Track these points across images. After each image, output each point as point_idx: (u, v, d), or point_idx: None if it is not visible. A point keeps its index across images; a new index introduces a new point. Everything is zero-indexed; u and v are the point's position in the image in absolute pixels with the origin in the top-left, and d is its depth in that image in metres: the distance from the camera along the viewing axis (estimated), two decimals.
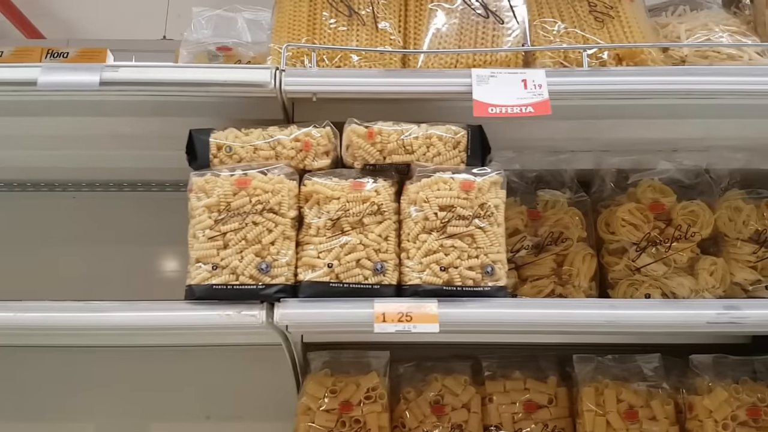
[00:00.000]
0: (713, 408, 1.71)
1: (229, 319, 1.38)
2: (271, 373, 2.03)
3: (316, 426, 1.76)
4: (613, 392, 1.82)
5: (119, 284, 2.22)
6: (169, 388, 2.20)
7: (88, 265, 2.24)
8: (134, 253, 2.27)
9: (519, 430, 1.88)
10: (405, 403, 1.91)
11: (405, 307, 1.40)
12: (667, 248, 1.81)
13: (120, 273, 2.23)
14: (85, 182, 2.26)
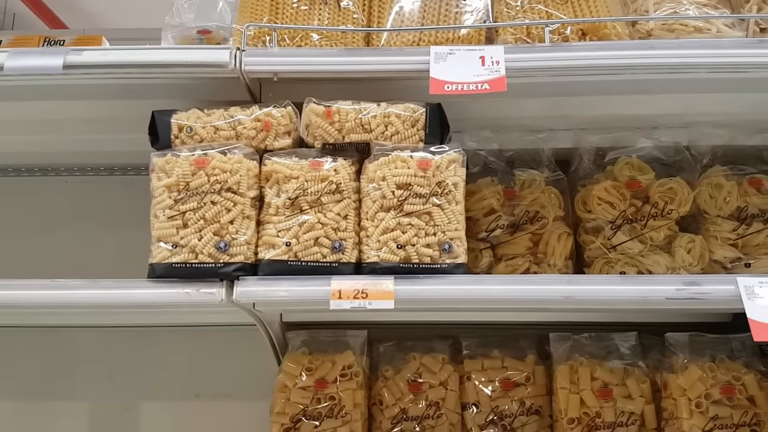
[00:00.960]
0: (687, 386, 1.69)
1: (188, 297, 1.41)
2: (259, 353, 2.06)
3: (291, 402, 1.80)
4: (587, 370, 1.81)
5: (112, 267, 2.26)
6: (159, 368, 2.26)
7: (82, 249, 2.29)
8: (126, 236, 2.32)
9: (496, 407, 1.89)
10: (383, 381, 1.93)
11: (361, 285, 1.42)
12: (643, 226, 1.79)
13: (113, 256, 2.28)
14: (77, 167, 2.31)
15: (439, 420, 1.86)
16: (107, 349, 2.26)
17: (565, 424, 1.77)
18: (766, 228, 1.78)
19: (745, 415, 1.65)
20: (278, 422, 1.79)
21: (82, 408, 2.22)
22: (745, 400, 1.68)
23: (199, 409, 2.22)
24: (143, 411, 2.23)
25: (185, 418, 2.21)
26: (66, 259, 2.25)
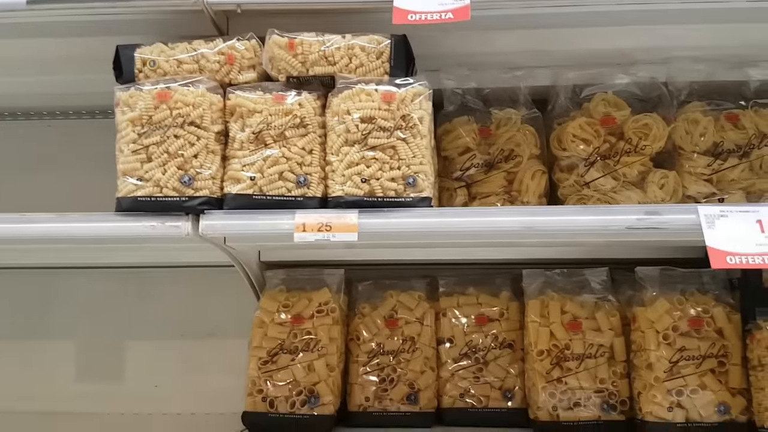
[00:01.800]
0: (655, 318, 1.71)
1: (153, 230, 1.43)
2: (241, 293, 2.09)
3: (269, 337, 1.84)
4: (558, 304, 1.83)
5: (97, 210, 2.29)
6: (145, 308, 2.31)
7: (66, 192, 2.31)
8: (110, 179, 2.33)
9: (470, 341, 1.93)
10: (360, 318, 1.97)
11: (325, 218, 1.43)
12: (616, 162, 1.78)
13: (97, 198, 2.29)
14: (59, 110, 2.31)
15: (415, 354, 1.91)
16: (93, 289, 2.31)
17: (535, 356, 1.80)
18: (741, 163, 1.77)
19: (712, 346, 1.68)
20: (256, 356, 1.83)
21: (68, 347, 2.28)
22: (713, 332, 1.69)
23: (183, 347, 2.27)
24: (129, 349, 2.28)
25: (170, 356, 2.27)
26: (50, 203, 2.25)
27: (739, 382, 1.67)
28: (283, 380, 1.80)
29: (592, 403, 1.76)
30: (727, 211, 1.38)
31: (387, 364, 1.90)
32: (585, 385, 1.76)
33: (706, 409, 1.65)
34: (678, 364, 1.66)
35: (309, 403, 1.79)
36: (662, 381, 1.66)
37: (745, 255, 1.33)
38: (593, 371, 1.77)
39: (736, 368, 1.67)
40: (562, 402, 1.77)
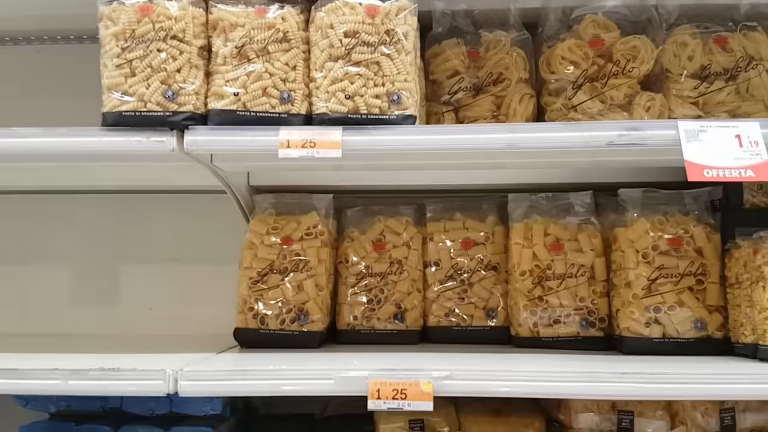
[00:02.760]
0: (635, 238, 1.74)
1: (139, 145, 1.44)
2: (232, 220, 2.12)
3: (259, 258, 1.87)
4: (541, 227, 1.86)
5: None
6: (139, 233, 2.34)
7: (55, 117, 2.29)
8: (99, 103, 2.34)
9: (455, 264, 1.97)
10: (349, 242, 2.00)
11: (309, 135, 1.44)
12: (604, 84, 1.78)
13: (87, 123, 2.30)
14: (47, 35, 2.29)
15: (402, 276, 1.95)
16: (87, 214, 2.34)
17: (518, 276, 1.84)
18: (727, 86, 1.77)
19: (691, 265, 1.71)
20: (246, 276, 1.87)
21: (62, 271, 2.32)
22: (692, 252, 1.73)
23: (176, 272, 2.32)
24: (122, 274, 2.33)
25: (164, 281, 2.32)
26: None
27: (717, 300, 1.71)
28: (273, 299, 1.84)
29: (571, 320, 1.81)
30: (706, 126, 1.39)
31: (375, 286, 1.95)
32: (565, 303, 1.81)
33: (683, 325, 1.70)
34: (656, 282, 1.70)
35: (298, 320, 1.84)
36: (640, 298, 1.70)
37: (723, 168, 1.35)
38: (573, 290, 1.81)
39: (714, 286, 1.71)
40: (542, 319, 1.82)
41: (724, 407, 1.56)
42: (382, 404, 1.40)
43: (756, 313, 1.56)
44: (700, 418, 1.56)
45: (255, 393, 1.43)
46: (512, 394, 1.42)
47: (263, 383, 1.43)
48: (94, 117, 2.16)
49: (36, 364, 1.47)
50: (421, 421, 1.76)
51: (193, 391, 1.42)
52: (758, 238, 1.57)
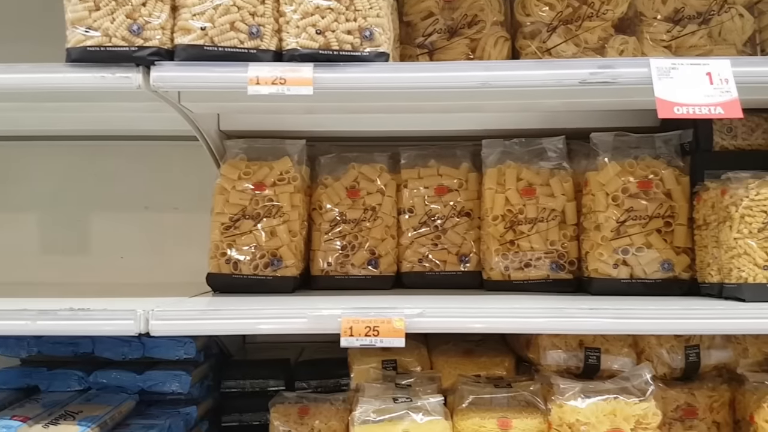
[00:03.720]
0: (605, 181, 1.76)
1: (104, 81, 1.40)
2: (205, 168, 2.09)
3: (230, 203, 1.85)
4: (514, 172, 1.87)
5: None
6: (109, 181, 2.31)
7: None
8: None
9: (429, 211, 1.97)
10: (323, 188, 1.99)
11: (279, 71, 1.41)
12: (578, 27, 1.77)
13: None
14: None
15: (376, 222, 1.95)
16: (56, 162, 2.30)
17: (490, 221, 1.85)
18: (700, 29, 1.77)
19: (660, 207, 1.74)
20: (218, 221, 1.86)
21: (32, 219, 2.28)
22: (661, 194, 1.75)
23: (147, 220, 2.29)
24: (93, 222, 2.30)
25: (135, 229, 2.29)
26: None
27: (684, 242, 1.74)
28: (246, 244, 1.83)
29: (541, 264, 1.83)
30: (678, 64, 1.39)
31: (349, 232, 1.95)
32: (536, 247, 1.83)
33: (650, 266, 1.73)
34: (625, 224, 1.73)
35: (272, 265, 1.83)
36: (609, 240, 1.73)
37: (693, 105, 1.35)
38: (544, 234, 1.83)
39: (682, 228, 1.74)
40: (513, 263, 1.84)
41: (689, 344, 1.61)
42: (354, 341, 1.41)
43: (722, 253, 1.59)
44: (666, 355, 1.60)
45: (228, 332, 1.44)
46: (483, 330, 1.44)
47: (236, 322, 1.43)
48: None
49: (4, 305, 1.45)
50: (394, 361, 1.79)
51: (164, 331, 1.42)
52: (726, 179, 1.60)
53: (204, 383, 1.93)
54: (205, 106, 1.78)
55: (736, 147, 1.76)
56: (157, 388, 1.81)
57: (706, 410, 1.57)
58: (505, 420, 1.48)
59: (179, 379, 1.80)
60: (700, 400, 1.57)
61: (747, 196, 1.54)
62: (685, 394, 1.57)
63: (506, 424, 1.48)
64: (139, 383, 1.80)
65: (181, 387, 1.80)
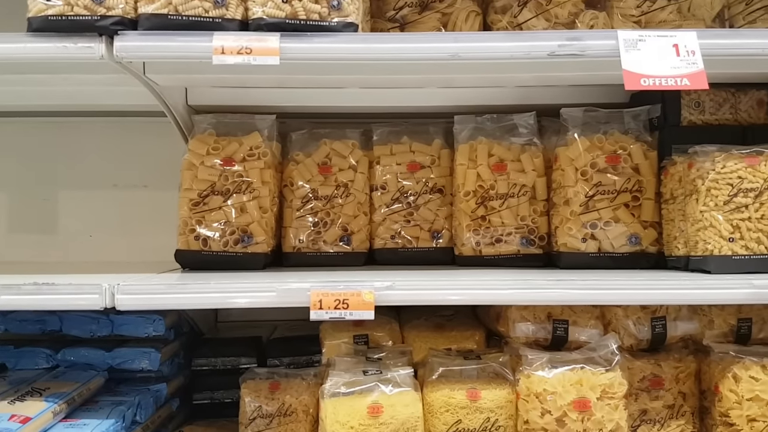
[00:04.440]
0: (574, 156, 1.76)
1: (66, 51, 1.37)
2: (174, 145, 2.06)
3: (199, 179, 1.83)
4: (485, 147, 1.87)
5: None
6: (77, 158, 2.26)
7: None
8: None
9: (402, 187, 1.96)
10: (294, 165, 1.97)
11: (245, 41, 1.39)
12: (549, 1, 1.77)
13: None
14: None
15: (348, 199, 1.94)
16: (24, 139, 2.25)
17: (462, 197, 1.86)
18: (669, 4, 1.78)
19: (627, 182, 1.75)
20: (186, 197, 1.83)
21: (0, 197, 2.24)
22: (629, 169, 1.76)
23: (116, 198, 2.26)
24: (61, 200, 2.26)
25: (103, 208, 2.26)
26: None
27: (651, 216, 1.76)
28: (216, 221, 1.81)
29: (512, 239, 1.84)
30: (645, 36, 1.40)
31: (320, 209, 1.94)
32: (507, 222, 1.84)
33: (618, 240, 1.74)
34: (594, 199, 1.74)
35: (242, 242, 1.81)
36: (578, 215, 1.74)
37: (659, 77, 1.36)
38: (515, 209, 1.84)
39: (649, 202, 1.75)
40: (485, 238, 1.84)
41: (656, 316, 1.63)
42: (324, 314, 1.41)
43: (689, 226, 1.61)
44: (632, 327, 1.62)
45: (196, 306, 1.42)
46: (453, 302, 1.45)
47: (204, 296, 1.42)
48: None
49: None
50: (366, 336, 1.79)
51: (131, 305, 1.40)
52: (693, 152, 1.61)
53: (174, 361, 1.92)
54: (171, 79, 1.75)
55: (704, 122, 1.77)
56: (127, 365, 1.79)
57: (672, 381, 1.59)
58: (474, 391, 1.49)
59: (149, 356, 1.78)
60: (666, 371, 1.59)
61: (713, 169, 1.56)
62: (651, 365, 1.59)
63: (475, 395, 1.49)
64: (108, 361, 1.78)
65: (151, 364, 1.78)
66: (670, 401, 1.58)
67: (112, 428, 1.50)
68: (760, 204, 1.55)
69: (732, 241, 1.54)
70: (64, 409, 1.53)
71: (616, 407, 1.44)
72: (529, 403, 1.46)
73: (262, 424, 1.62)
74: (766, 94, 1.77)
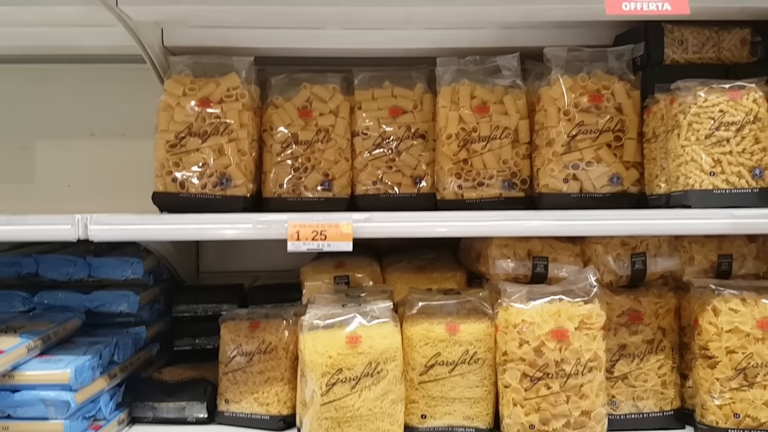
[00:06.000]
0: (557, 96, 1.75)
1: None
2: (152, 91, 2.02)
3: (176, 121, 1.80)
4: (468, 89, 1.85)
5: None
6: (54, 106, 2.23)
7: None
8: None
9: (383, 132, 1.94)
10: (273, 109, 1.94)
11: None
12: None
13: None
14: None
15: (329, 144, 1.91)
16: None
17: (444, 140, 1.84)
18: None
19: (610, 121, 1.73)
20: (163, 139, 1.80)
21: None
22: (612, 108, 1.75)
23: (93, 147, 2.23)
24: (38, 149, 2.22)
25: (81, 157, 2.22)
26: None
27: (634, 156, 1.75)
28: (193, 163, 1.78)
29: (494, 182, 1.82)
30: None
31: (301, 154, 1.91)
32: (489, 165, 1.82)
33: (599, 180, 1.73)
34: (576, 138, 1.72)
35: (221, 184, 1.79)
36: (560, 155, 1.73)
37: (641, 2, 1.34)
38: (497, 152, 1.82)
39: (632, 142, 1.74)
40: (467, 182, 1.83)
41: (636, 252, 1.62)
42: (301, 245, 1.40)
43: (670, 162, 1.60)
44: (612, 263, 1.62)
45: (171, 237, 1.40)
46: (435, 234, 1.44)
47: (179, 227, 1.41)
48: None
49: None
50: (346, 277, 1.78)
51: (105, 236, 1.38)
52: (676, 87, 1.60)
53: (154, 307, 1.90)
54: (145, 12, 1.70)
55: (687, 60, 1.76)
56: (105, 308, 1.77)
57: (652, 316, 1.59)
58: (453, 325, 1.49)
59: (127, 299, 1.77)
60: (646, 306, 1.59)
61: (695, 103, 1.55)
62: (630, 301, 1.59)
63: (454, 328, 1.48)
64: (86, 303, 1.76)
65: (129, 307, 1.77)
66: (650, 336, 1.59)
67: (88, 363, 1.48)
68: (742, 138, 1.54)
69: (713, 176, 1.53)
70: (39, 345, 1.51)
71: (594, 337, 1.44)
72: (508, 335, 1.46)
73: (242, 361, 1.62)
74: (750, 33, 1.76)
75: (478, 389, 1.51)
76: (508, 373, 1.46)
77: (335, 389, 1.39)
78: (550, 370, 1.42)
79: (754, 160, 1.54)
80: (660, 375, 1.59)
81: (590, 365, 1.42)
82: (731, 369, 1.46)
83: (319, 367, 1.39)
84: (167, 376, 1.71)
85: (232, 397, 1.64)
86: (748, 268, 1.64)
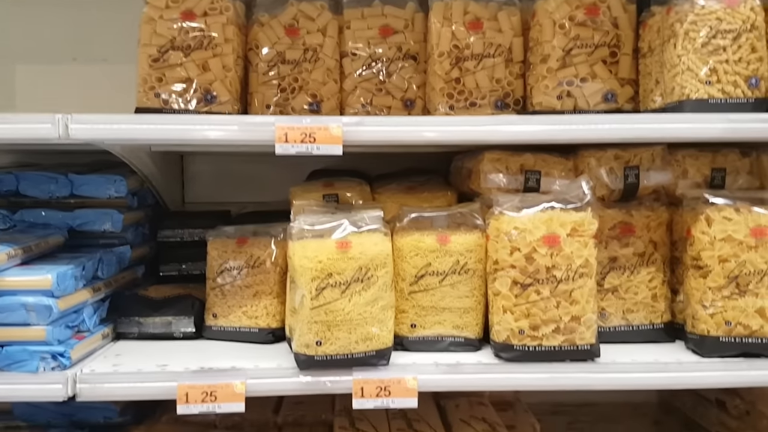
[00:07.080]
0: (552, 9, 1.71)
1: None
2: (136, 15, 1.95)
3: (158, 34, 1.74)
4: (461, 5, 1.80)
5: None
6: (34, 30, 2.15)
7: None
8: None
9: (373, 53, 1.89)
10: (259, 26, 1.88)
11: None
12: None
13: None
14: None
15: (317, 64, 1.86)
16: None
17: (436, 58, 1.79)
18: None
19: (605, 35, 1.70)
20: (145, 53, 1.75)
21: None
22: (608, 23, 1.71)
23: (75, 72, 2.16)
24: (18, 74, 2.15)
25: (62, 83, 2.16)
26: None
27: (629, 73, 1.72)
28: (177, 78, 1.73)
29: (486, 103, 1.78)
30: None
31: (288, 74, 1.86)
32: (481, 85, 1.78)
33: (593, 97, 1.70)
34: (571, 54, 1.69)
35: (205, 101, 1.74)
36: (554, 71, 1.69)
37: None
38: (490, 71, 1.78)
39: (627, 58, 1.71)
40: (458, 102, 1.79)
41: (629, 165, 1.60)
42: (290, 147, 1.36)
43: (666, 72, 1.57)
44: (605, 176, 1.60)
45: (153, 139, 1.36)
46: (427, 141, 1.41)
47: (160, 128, 1.36)
48: None
49: None
50: (336, 195, 1.75)
51: (86, 135, 1.34)
52: None
53: (138, 230, 1.87)
54: None
55: None
56: (88, 227, 1.73)
57: (644, 229, 1.58)
58: (444, 235, 1.47)
59: (111, 218, 1.73)
60: (638, 220, 1.57)
61: (692, 11, 1.52)
62: (622, 214, 1.57)
63: (445, 239, 1.46)
64: (69, 221, 1.72)
65: (113, 225, 1.73)
66: (641, 249, 1.57)
67: (71, 272, 1.45)
68: (738, 47, 1.51)
69: (709, 85, 1.51)
70: (20, 254, 1.47)
71: (585, 244, 1.42)
72: (499, 243, 1.44)
73: (229, 276, 1.59)
74: None
75: (468, 299, 1.50)
76: (498, 281, 1.44)
77: (325, 293, 1.37)
78: (541, 276, 1.40)
79: (750, 69, 1.51)
80: (651, 288, 1.58)
81: (581, 271, 1.40)
82: (723, 278, 1.46)
83: (308, 271, 1.37)
84: (153, 293, 1.68)
85: (220, 311, 1.62)
86: (741, 182, 1.63)
